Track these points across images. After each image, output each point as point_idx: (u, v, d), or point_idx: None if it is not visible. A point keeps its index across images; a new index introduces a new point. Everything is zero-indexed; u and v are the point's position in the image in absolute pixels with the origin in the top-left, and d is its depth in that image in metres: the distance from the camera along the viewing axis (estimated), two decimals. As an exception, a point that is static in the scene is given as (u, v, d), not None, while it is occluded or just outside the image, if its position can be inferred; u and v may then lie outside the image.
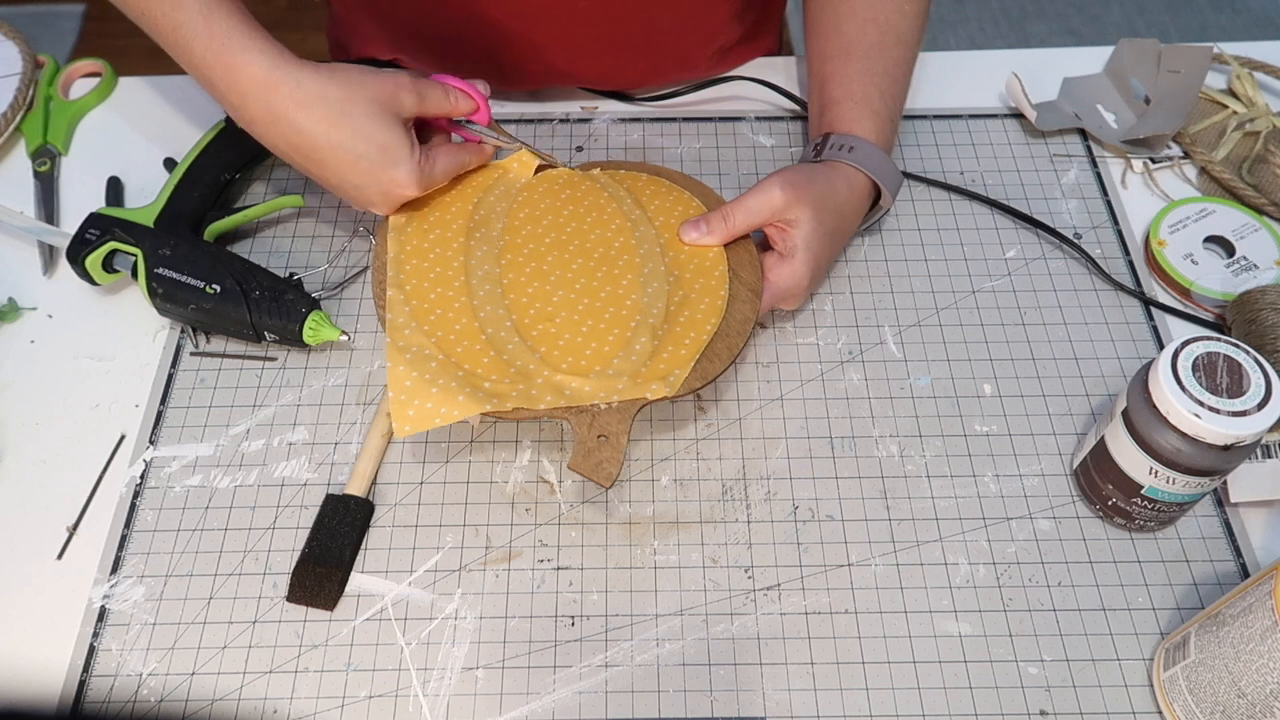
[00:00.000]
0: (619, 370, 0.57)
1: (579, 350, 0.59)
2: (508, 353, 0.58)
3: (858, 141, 0.66)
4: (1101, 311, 0.68)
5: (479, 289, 0.61)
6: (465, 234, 0.63)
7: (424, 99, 0.61)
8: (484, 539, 0.59)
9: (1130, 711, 0.53)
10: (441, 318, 0.59)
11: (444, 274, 0.61)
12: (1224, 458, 0.51)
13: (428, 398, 0.55)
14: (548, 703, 0.54)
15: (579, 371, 0.57)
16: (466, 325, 0.59)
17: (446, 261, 0.62)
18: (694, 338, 0.59)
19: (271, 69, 0.57)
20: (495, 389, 0.56)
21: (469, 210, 0.65)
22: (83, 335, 0.68)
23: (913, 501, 0.60)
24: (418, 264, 0.62)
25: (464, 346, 0.58)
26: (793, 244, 0.62)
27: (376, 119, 0.58)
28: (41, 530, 0.60)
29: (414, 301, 0.60)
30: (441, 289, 0.61)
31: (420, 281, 0.61)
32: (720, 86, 0.80)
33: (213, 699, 0.54)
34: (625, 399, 0.56)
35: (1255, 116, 0.77)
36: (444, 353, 0.57)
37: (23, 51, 0.81)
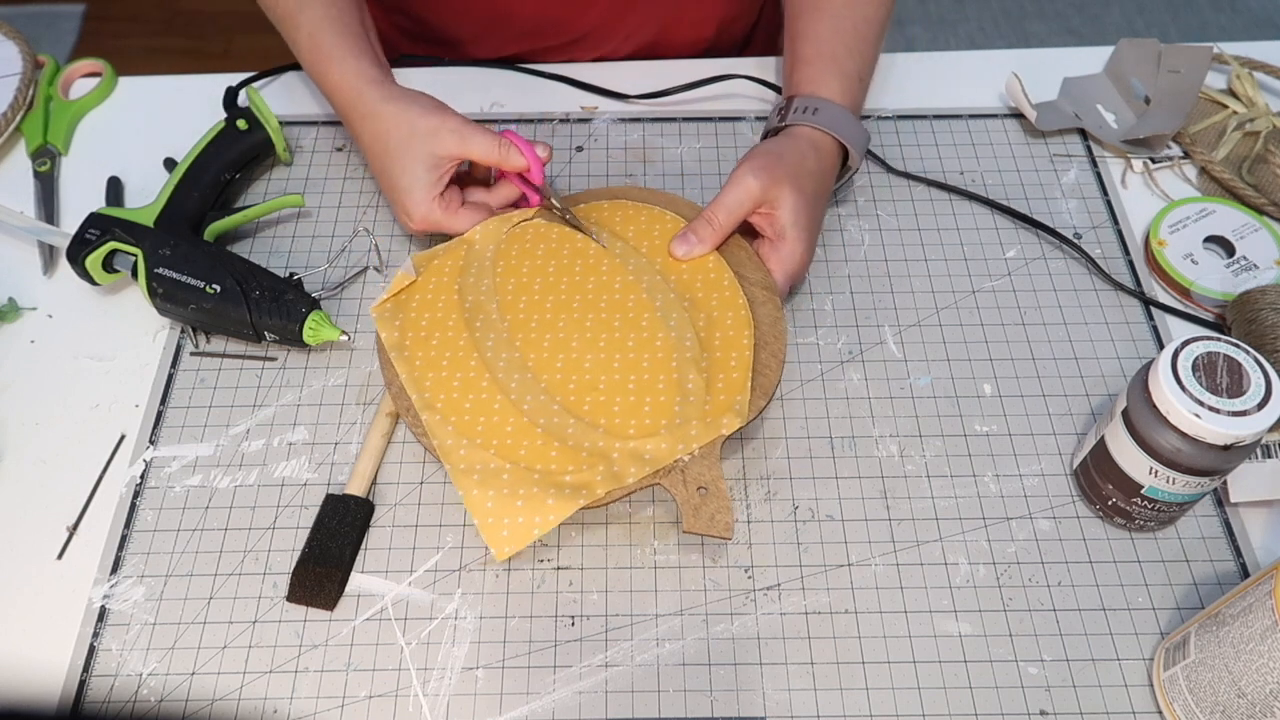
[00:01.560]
0: (685, 416, 0.57)
1: (638, 410, 0.58)
2: (571, 438, 0.57)
3: (822, 103, 0.67)
4: (1101, 311, 0.68)
5: (509, 381, 0.59)
6: (466, 328, 0.62)
7: (466, 143, 0.63)
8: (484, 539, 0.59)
9: (1130, 711, 0.53)
10: (489, 425, 0.57)
11: (467, 378, 0.59)
12: (1224, 458, 0.51)
13: (515, 512, 0.54)
14: (548, 703, 0.54)
15: (648, 432, 0.57)
16: (517, 423, 0.57)
17: (463, 364, 0.60)
18: (738, 357, 0.59)
19: (352, 82, 0.66)
20: (578, 480, 0.55)
21: (456, 301, 0.63)
22: (83, 335, 0.68)
23: (913, 501, 0.60)
24: (436, 376, 0.59)
25: (526, 447, 0.57)
26: (781, 226, 0.63)
27: (412, 155, 0.63)
28: (41, 530, 0.60)
29: (453, 418, 0.58)
30: (474, 395, 0.58)
31: (448, 394, 0.59)
32: (720, 86, 0.80)
33: (213, 699, 0.54)
34: (704, 444, 0.56)
35: (1255, 116, 0.77)
36: (509, 460, 0.56)
37: (23, 51, 0.81)
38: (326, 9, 0.68)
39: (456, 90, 0.81)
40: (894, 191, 0.75)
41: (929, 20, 2.08)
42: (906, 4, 2.10)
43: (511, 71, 0.83)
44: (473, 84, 0.82)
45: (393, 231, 0.73)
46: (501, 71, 0.83)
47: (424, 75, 0.83)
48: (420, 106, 0.64)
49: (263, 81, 0.82)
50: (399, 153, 0.64)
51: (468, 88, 0.82)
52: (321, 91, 0.69)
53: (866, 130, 0.69)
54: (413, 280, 0.64)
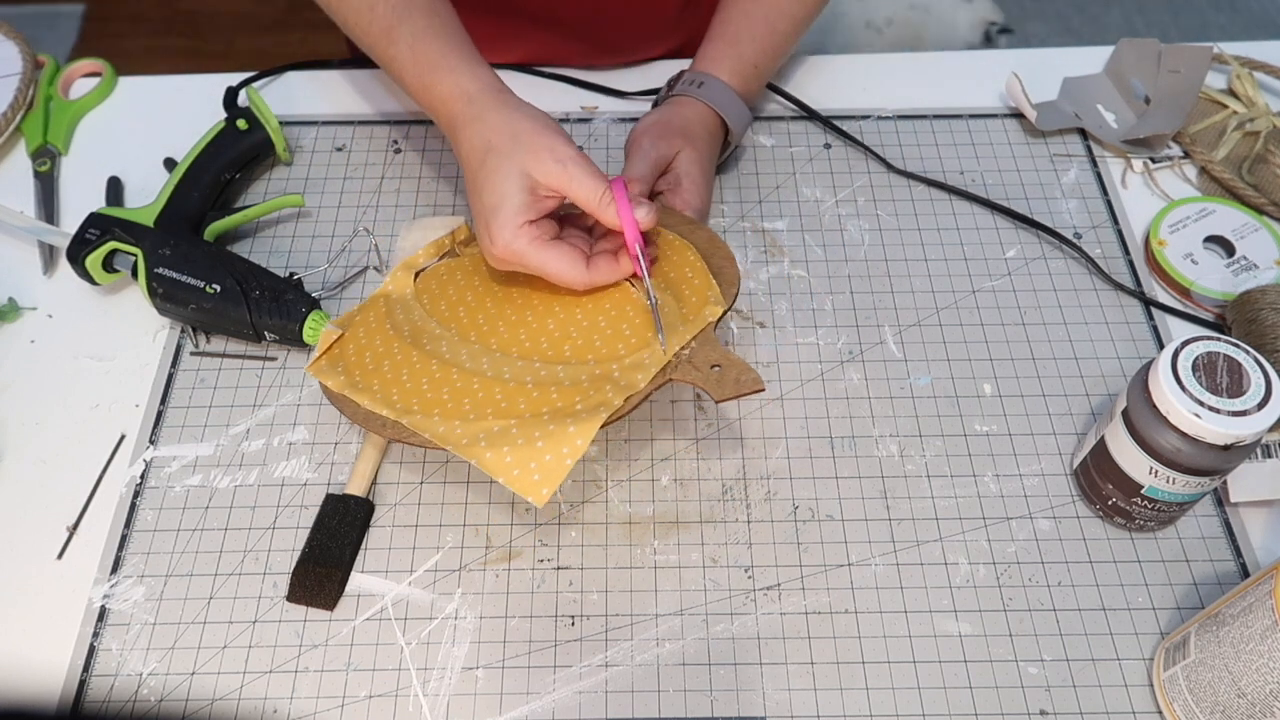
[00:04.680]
0: (668, 324, 0.56)
1: (620, 337, 0.57)
2: (566, 378, 0.55)
3: (708, 78, 0.70)
4: (1101, 311, 0.68)
5: (479, 365, 0.57)
6: (414, 347, 0.59)
7: (570, 177, 0.56)
8: (484, 539, 0.59)
9: (1130, 711, 0.53)
10: (476, 401, 0.55)
11: (434, 379, 0.57)
12: (1224, 457, 0.51)
13: (539, 454, 0.51)
14: (548, 703, 0.54)
15: (638, 347, 0.56)
16: (505, 390, 0.55)
17: (425, 371, 0.57)
18: (692, 267, 0.60)
19: (464, 88, 0.60)
20: (591, 403, 0.53)
21: (392, 335, 0.60)
22: (83, 335, 0.68)
23: (913, 501, 0.60)
24: (401, 389, 0.57)
25: (524, 401, 0.54)
26: (677, 173, 0.67)
27: (508, 170, 0.57)
28: (41, 530, 0.60)
29: (436, 410, 0.55)
30: (449, 387, 0.56)
31: (421, 397, 0.56)
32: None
33: (213, 699, 0.54)
34: (696, 334, 0.56)
35: (1255, 116, 0.77)
36: (511, 417, 0.53)
37: (23, 51, 0.81)
38: (429, 19, 0.63)
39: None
40: (894, 191, 0.75)
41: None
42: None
43: (511, 71, 0.83)
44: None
45: (392, 231, 0.73)
46: (501, 72, 0.83)
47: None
48: (533, 122, 0.58)
49: (263, 81, 0.82)
50: (494, 165, 0.57)
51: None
52: (425, 108, 0.63)
53: (749, 113, 0.72)
54: (339, 335, 0.61)
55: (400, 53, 0.63)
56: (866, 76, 0.83)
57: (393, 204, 0.74)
